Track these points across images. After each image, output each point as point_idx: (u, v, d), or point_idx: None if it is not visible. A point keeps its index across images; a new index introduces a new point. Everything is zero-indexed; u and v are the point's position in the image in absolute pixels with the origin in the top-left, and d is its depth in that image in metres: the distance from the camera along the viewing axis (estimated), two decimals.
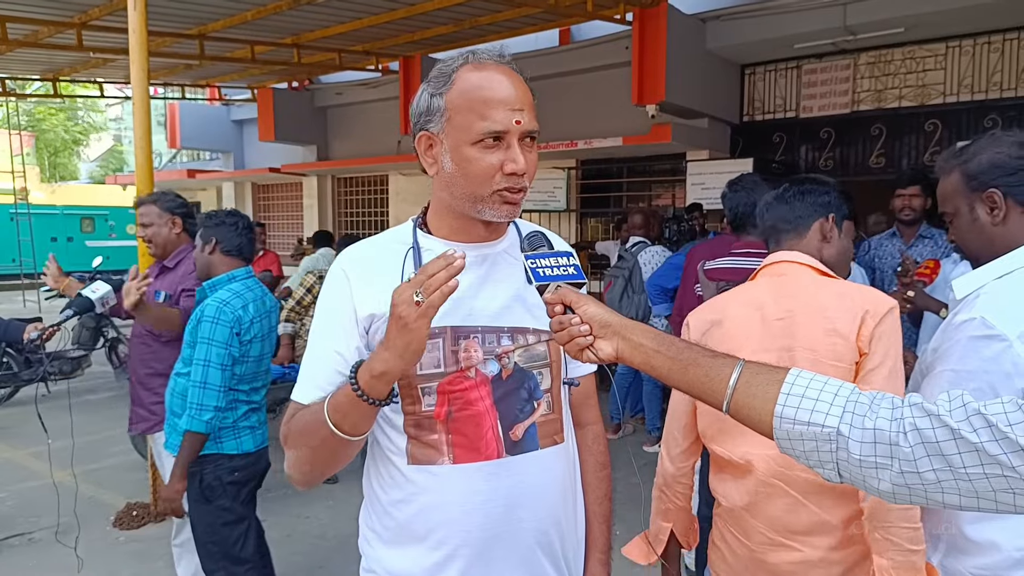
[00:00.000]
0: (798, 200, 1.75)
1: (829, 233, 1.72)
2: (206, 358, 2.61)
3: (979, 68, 6.62)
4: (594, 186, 9.34)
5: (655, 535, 1.80)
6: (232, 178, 13.62)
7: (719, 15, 7.02)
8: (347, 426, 1.16)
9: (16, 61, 8.80)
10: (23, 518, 4.33)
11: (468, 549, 1.26)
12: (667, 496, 1.78)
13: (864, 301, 1.52)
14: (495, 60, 1.24)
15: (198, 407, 2.59)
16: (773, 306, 1.60)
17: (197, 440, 2.62)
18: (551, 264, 1.14)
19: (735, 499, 1.62)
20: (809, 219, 1.72)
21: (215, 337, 2.62)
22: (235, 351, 2.67)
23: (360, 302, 1.27)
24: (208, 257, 2.85)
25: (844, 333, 1.50)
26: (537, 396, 1.32)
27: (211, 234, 2.84)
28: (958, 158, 1.57)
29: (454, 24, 7.44)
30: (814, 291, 1.59)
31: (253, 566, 2.86)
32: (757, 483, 1.56)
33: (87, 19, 6.80)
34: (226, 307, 2.66)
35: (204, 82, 10.72)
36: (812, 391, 0.90)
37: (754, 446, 1.54)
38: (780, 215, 1.76)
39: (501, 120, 1.19)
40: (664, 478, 1.79)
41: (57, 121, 29.63)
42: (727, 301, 1.71)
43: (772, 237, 1.79)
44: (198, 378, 2.61)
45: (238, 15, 6.96)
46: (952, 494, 0.81)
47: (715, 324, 1.65)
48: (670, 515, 1.78)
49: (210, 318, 2.64)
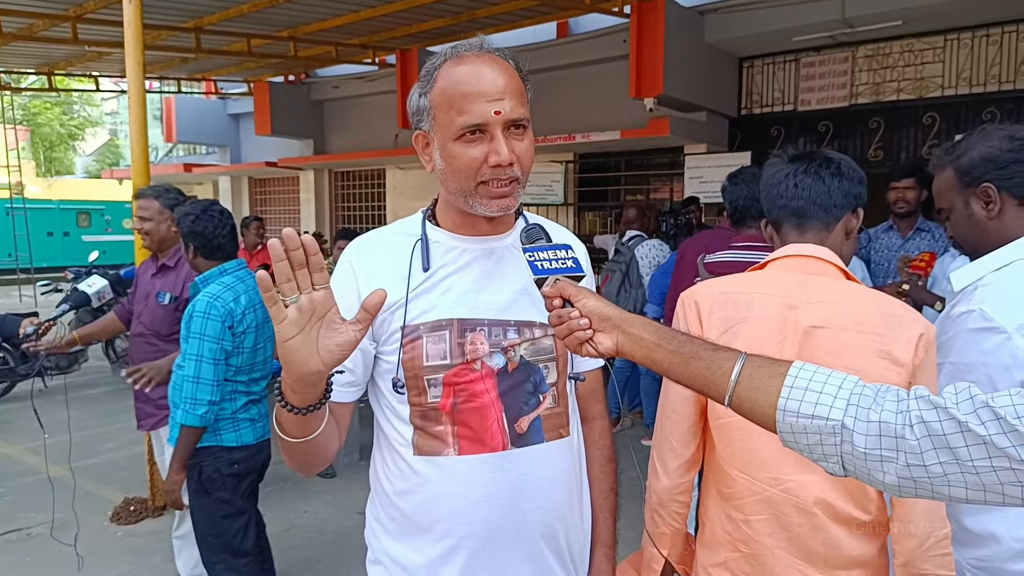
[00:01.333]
0: (836, 182, 1.46)
1: (853, 230, 1.50)
2: (198, 353, 2.63)
3: (977, 61, 6.60)
4: (592, 180, 9.32)
5: (647, 562, 1.53)
6: (229, 172, 13.57)
7: (717, 8, 7.00)
8: (287, 428, 1.13)
9: (11, 55, 8.75)
10: (20, 513, 4.32)
11: (472, 541, 1.26)
12: (662, 518, 1.50)
13: (914, 323, 1.33)
14: (475, 51, 1.22)
15: (192, 401, 2.61)
16: (807, 309, 1.37)
17: (193, 434, 2.65)
18: (549, 257, 1.13)
19: (766, 540, 1.38)
20: (842, 209, 1.47)
21: (206, 332, 2.63)
22: (227, 344, 2.68)
23: (367, 293, 1.27)
24: (193, 260, 2.89)
25: (901, 360, 1.30)
26: (543, 390, 1.32)
27: (187, 240, 2.86)
28: (950, 155, 1.57)
29: (451, 17, 7.41)
30: (856, 303, 1.36)
31: (253, 559, 2.87)
32: (798, 513, 1.35)
33: (82, 12, 6.75)
34: (216, 301, 2.67)
35: (200, 76, 10.66)
36: (816, 383, 0.89)
37: (798, 471, 1.35)
38: (813, 196, 1.46)
39: (479, 112, 1.18)
40: (658, 496, 1.50)
41: (53, 115, 29.52)
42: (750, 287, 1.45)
43: (790, 221, 1.50)
44: (191, 373, 2.62)
45: (234, 8, 6.92)
46: (959, 487, 0.81)
47: (741, 321, 1.41)
48: (665, 540, 1.51)
49: (201, 313, 2.65)
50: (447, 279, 1.29)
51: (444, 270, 1.29)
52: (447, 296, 1.28)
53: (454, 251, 1.31)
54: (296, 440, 1.14)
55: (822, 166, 1.47)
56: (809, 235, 1.48)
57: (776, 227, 1.55)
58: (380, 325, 1.27)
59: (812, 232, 1.47)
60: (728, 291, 1.46)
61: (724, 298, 1.45)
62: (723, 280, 1.52)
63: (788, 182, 1.49)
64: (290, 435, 1.14)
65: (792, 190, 1.48)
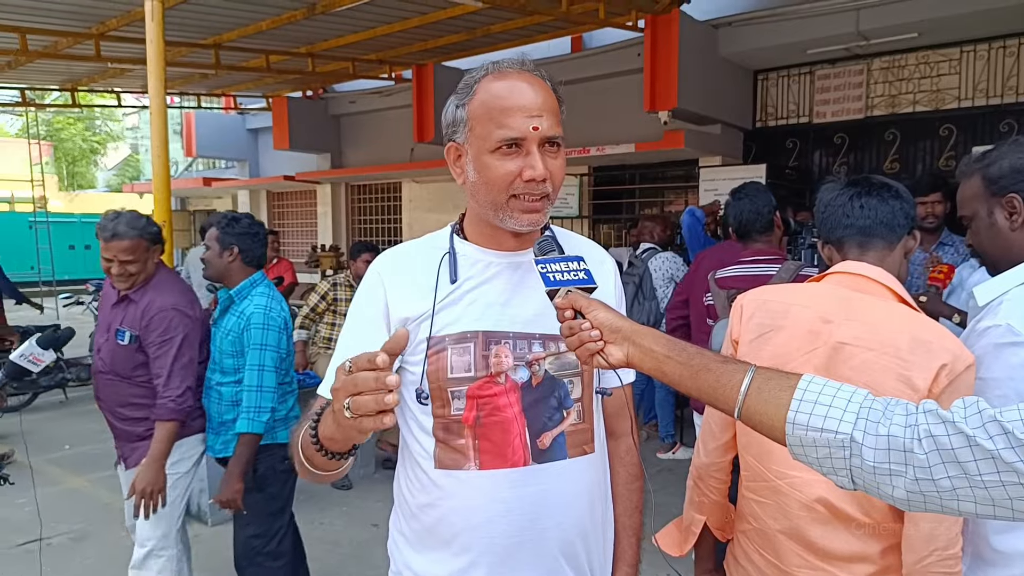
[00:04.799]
0: (897, 203, 1.52)
1: (912, 251, 1.55)
2: (260, 363, 2.73)
3: (994, 72, 6.56)
4: (606, 192, 9.33)
5: (687, 526, 1.70)
6: (247, 186, 13.72)
7: (731, 21, 7.01)
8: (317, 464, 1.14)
9: (35, 72, 8.92)
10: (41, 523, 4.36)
11: (491, 556, 1.26)
12: (701, 489, 1.67)
13: (943, 352, 1.33)
14: (516, 68, 1.24)
15: (256, 409, 2.70)
16: (842, 326, 1.41)
17: (255, 441, 2.73)
18: (561, 269, 1.14)
19: (770, 521, 1.51)
20: (903, 228, 1.52)
21: (267, 342, 2.75)
22: (283, 351, 2.83)
23: (394, 305, 1.29)
24: (227, 264, 2.88)
25: (917, 385, 1.32)
26: (567, 405, 1.31)
27: (234, 242, 2.87)
28: (979, 162, 1.56)
29: (467, 33, 7.48)
30: (890, 325, 1.39)
31: (287, 563, 2.96)
32: (800, 506, 1.44)
33: (105, 30, 6.88)
34: (271, 312, 2.79)
35: (220, 91, 10.82)
36: (825, 397, 0.90)
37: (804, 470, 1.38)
38: (879, 216, 1.51)
39: (517, 127, 1.19)
40: (698, 470, 1.68)
41: (75, 131, 29.94)
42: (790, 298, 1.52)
43: (854, 240, 1.53)
44: (254, 383, 2.72)
45: (253, 25, 7.03)
46: (968, 502, 0.80)
47: (775, 329, 1.48)
48: (704, 508, 1.68)
49: (260, 324, 2.75)
50: (473, 291, 1.29)
51: (470, 282, 1.30)
52: (473, 308, 1.28)
53: (480, 264, 1.31)
54: (325, 473, 1.18)
55: (884, 188, 1.53)
56: (871, 254, 1.52)
57: (838, 247, 1.58)
58: None
59: (874, 251, 1.52)
60: (771, 299, 1.53)
61: (766, 306, 1.52)
62: (770, 288, 1.62)
63: (854, 203, 1.54)
64: (320, 469, 1.16)
65: (859, 210, 1.52)
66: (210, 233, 2.95)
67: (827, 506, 1.42)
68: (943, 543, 1.32)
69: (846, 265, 1.52)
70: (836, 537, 1.42)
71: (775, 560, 1.51)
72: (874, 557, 1.42)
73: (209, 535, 4.29)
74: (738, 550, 1.63)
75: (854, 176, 1.61)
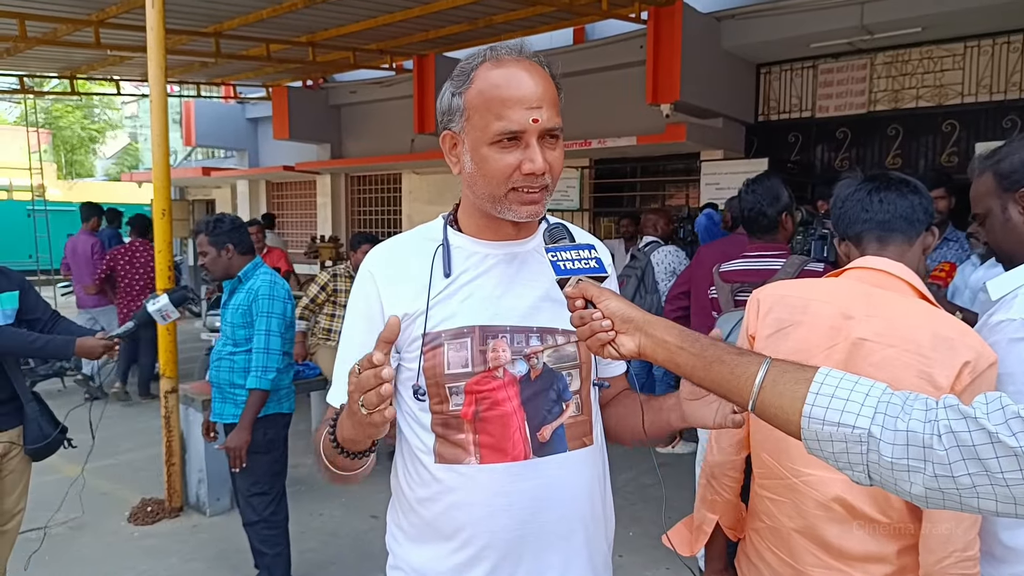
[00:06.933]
0: (916, 199, 1.51)
1: (930, 247, 1.54)
2: (267, 328, 3.11)
3: (998, 68, 6.53)
4: (608, 185, 9.30)
5: (699, 525, 1.68)
6: (247, 176, 13.67)
7: (734, 14, 6.97)
8: (340, 465, 1.20)
9: (34, 59, 8.87)
10: (40, 512, 4.35)
11: (494, 550, 1.25)
12: (714, 488, 1.64)
13: (966, 350, 1.31)
14: (515, 56, 1.21)
15: (263, 368, 3.08)
16: (863, 322, 1.39)
17: (263, 397, 3.11)
18: (572, 257, 1.12)
19: (784, 520, 1.48)
20: (923, 224, 1.52)
21: (273, 310, 3.14)
22: (288, 319, 3.20)
23: (388, 302, 1.27)
24: (227, 260, 3.25)
25: (939, 383, 1.30)
26: (566, 397, 1.29)
27: (226, 240, 3.23)
28: (990, 159, 1.55)
29: (468, 23, 7.43)
30: (911, 322, 1.37)
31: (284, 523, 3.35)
32: (816, 505, 1.43)
33: (105, 17, 6.83)
34: (276, 286, 3.19)
35: (219, 80, 10.77)
36: (842, 390, 0.88)
37: (821, 467, 1.39)
38: (899, 211, 1.50)
39: (517, 119, 1.16)
40: (711, 469, 1.64)
41: (74, 119, 29.86)
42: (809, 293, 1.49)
43: (873, 234, 1.53)
44: (261, 345, 3.10)
45: (254, 13, 6.98)
46: (988, 500, 0.79)
47: (794, 324, 1.46)
48: (716, 507, 1.65)
49: (266, 295, 3.14)
50: (468, 285, 1.27)
51: (465, 275, 1.28)
52: (468, 303, 1.26)
53: (475, 256, 1.29)
54: (349, 473, 1.22)
55: (902, 184, 1.52)
56: (890, 249, 1.51)
57: (856, 242, 1.56)
58: (401, 332, 1.25)
59: (894, 246, 1.51)
60: (789, 294, 1.51)
61: (784, 300, 1.50)
62: (788, 283, 1.58)
63: (872, 197, 1.53)
64: (343, 469, 1.21)
65: (878, 205, 1.52)
66: (200, 240, 3.25)
67: (844, 505, 1.40)
68: (961, 544, 1.31)
69: (866, 260, 1.50)
70: (852, 537, 1.40)
71: (789, 559, 1.49)
72: (890, 557, 1.40)
73: (208, 525, 4.29)
74: (750, 548, 1.61)
75: (871, 172, 1.59)
